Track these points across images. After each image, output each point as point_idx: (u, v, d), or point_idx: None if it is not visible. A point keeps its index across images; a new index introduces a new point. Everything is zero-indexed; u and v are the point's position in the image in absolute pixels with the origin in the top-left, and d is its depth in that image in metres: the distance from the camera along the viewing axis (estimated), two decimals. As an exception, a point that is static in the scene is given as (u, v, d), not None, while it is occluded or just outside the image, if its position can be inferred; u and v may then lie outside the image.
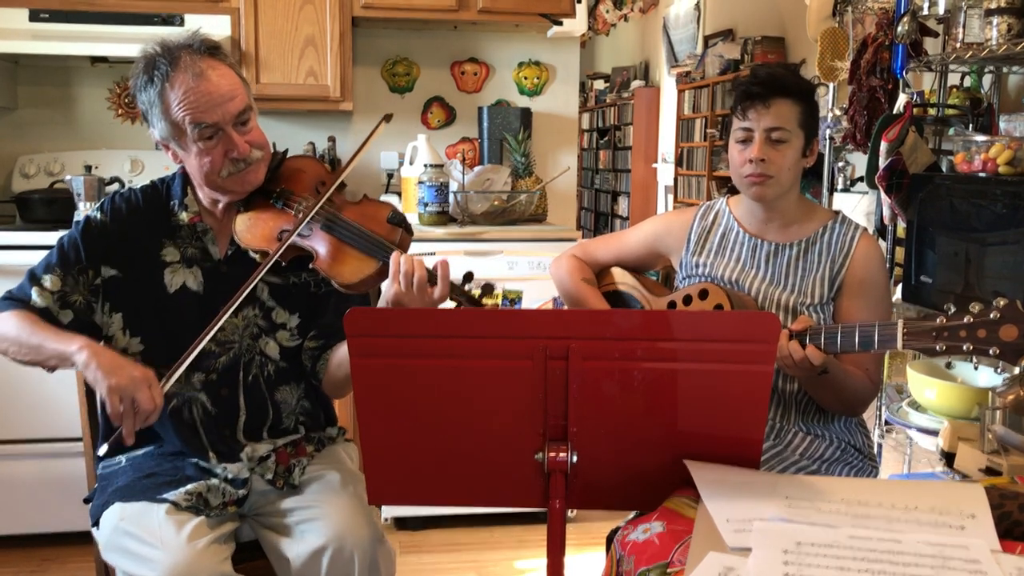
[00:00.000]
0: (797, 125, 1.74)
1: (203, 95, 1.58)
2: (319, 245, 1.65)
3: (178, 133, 1.62)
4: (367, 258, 1.62)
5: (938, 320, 1.40)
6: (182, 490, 1.62)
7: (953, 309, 1.40)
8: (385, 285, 1.59)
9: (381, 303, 1.60)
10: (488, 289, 1.63)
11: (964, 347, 1.38)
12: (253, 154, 1.65)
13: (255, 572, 1.65)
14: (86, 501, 1.75)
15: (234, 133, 1.62)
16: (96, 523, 1.65)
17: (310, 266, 1.65)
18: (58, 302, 1.66)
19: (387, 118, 1.76)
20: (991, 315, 1.36)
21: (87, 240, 1.69)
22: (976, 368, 2.20)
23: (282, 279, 1.74)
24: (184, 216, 1.73)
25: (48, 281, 1.66)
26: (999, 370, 2.15)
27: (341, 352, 1.69)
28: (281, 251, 1.62)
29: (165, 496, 1.60)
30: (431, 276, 1.55)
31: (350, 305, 1.74)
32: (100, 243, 1.69)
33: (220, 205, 1.73)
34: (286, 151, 1.78)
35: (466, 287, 1.60)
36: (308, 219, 1.64)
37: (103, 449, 1.55)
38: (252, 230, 1.68)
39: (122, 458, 1.75)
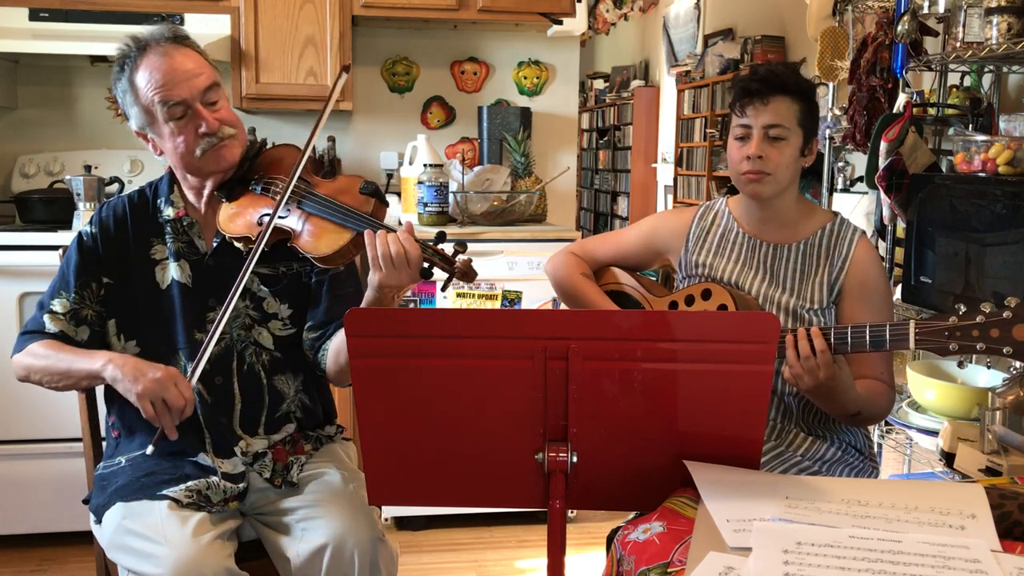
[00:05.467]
0: (796, 123, 1.74)
1: (168, 72, 1.63)
2: (296, 224, 1.67)
3: (151, 118, 1.67)
4: (341, 229, 1.64)
5: (950, 320, 1.39)
6: (182, 487, 1.62)
7: (964, 309, 1.38)
8: (370, 275, 1.59)
9: (369, 291, 1.60)
10: (462, 246, 1.64)
11: (977, 347, 1.37)
12: (224, 130, 1.68)
13: (256, 571, 1.65)
14: (85, 502, 1.75)
15: (202, 108, 1.65)
16: (99, 520, 1.65)
17: (288, 245, 1.67)
18: (71, 320, 1.70)
19: (346, 68, 1.78)
20: (1004, 315, 1.35)
21: (83, 255, 1.74)
22: (989, 368, 2.19)
23: (271, 269, 1.76)
24: (170, 212, 1.76)
25: (57, 305, 1.71)
26: (1010, 368, 2.15)
27: (338, 340, 1.71)
28: (267, 233, 1.63)
29: (166, 492, 1.61)
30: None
31: (344, 292, 1.77)
32: (95, 255, 1.74)
33: (204, 196, 1.76)
34: (264, 140, 1.80)
35: (438, 246, 1.62)
36: (285, 197, 1.66)
37: (150, 449, 1.61)
38: (234, 218, 1.71)
39: (121, 459, 1.74)
